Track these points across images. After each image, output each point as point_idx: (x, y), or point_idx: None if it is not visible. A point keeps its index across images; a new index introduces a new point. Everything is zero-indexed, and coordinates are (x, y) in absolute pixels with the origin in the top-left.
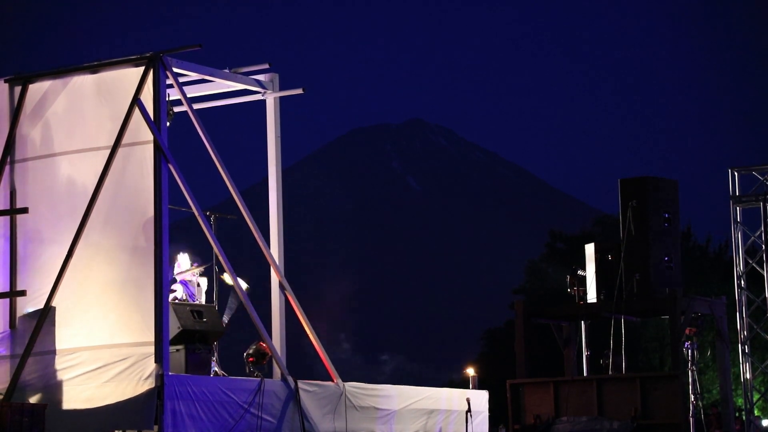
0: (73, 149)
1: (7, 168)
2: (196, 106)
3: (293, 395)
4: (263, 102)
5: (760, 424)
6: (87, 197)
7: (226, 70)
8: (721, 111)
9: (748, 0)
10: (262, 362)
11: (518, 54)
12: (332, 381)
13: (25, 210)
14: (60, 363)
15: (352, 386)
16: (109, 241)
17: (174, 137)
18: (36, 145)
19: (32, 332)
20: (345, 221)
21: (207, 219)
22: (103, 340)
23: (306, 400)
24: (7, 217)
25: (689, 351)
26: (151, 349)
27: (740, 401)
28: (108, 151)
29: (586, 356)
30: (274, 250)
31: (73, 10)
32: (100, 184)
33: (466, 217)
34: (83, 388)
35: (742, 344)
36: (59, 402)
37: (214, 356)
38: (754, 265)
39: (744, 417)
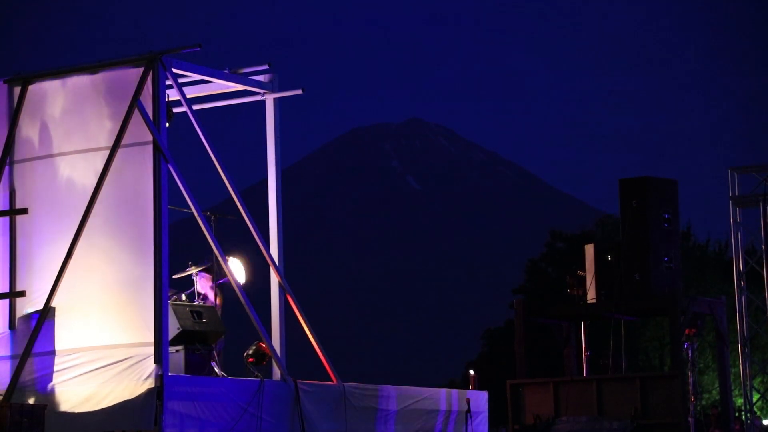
0: (73, 150)
1: (6, 168)
2: (195, 107)
3: (293, 395)
4: (263, 102)
5: (761, 423)
6: (87, 198)
7: (226, 71)
8: (721, 111)
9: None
10: (262, 363)
11: (518, 54)
12: (332, 381)
13: (24, 210)
14: (59, 363)
15: (351, 386)
16: (109, 242)
17: (174, 137)
18: (35, 146)
19: (32, 333)
20: (345, 220)
21: (207, 219)
22: (102, 340)
23: (306, 400)
24: (7, 218)
25: (689, 351)
26: (151, 349)
27: (740, 401)
28: (108, 152)
29: (586, 356)
30: (274, 251)
31: (73, 10)
32: (99, 185)
33: (466, 217)
34: (83, 388)
35: (742, 344)
36: (59, 402)
37: (214, 357)
38: (754, 265)
39: (744, 417)
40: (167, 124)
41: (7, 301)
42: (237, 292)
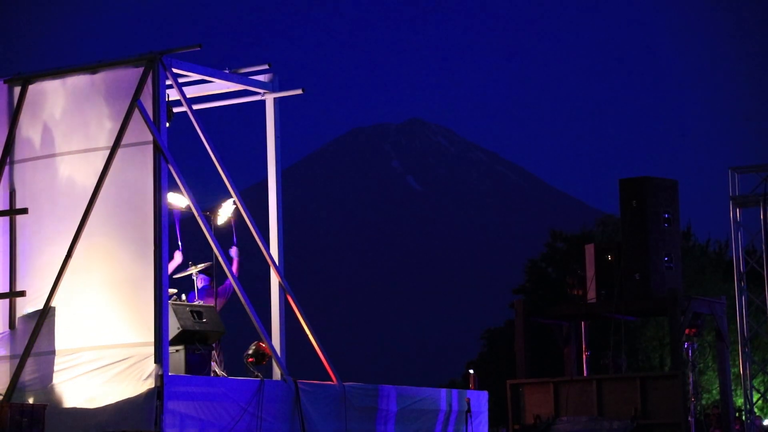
0: (73, 150)
1: (6, 168)
2: (195, 107)
3: (293, 395)
4: (263, 102)
5: (761, 423)
6: (87, 198)
7: (226, 71)
8: (721, 111)
9: (749, 1)
10: (262, 363)
11: (518, 54)
12: (332, 381)
13: (24, 210)
14: (59, 363)
15: (352, 386)
16: (109, 242)
17: (174, 137)
18: (35, 146)
19: (32, 333)
20: (345, 221)
21: (206, 219)
22: (102, 340)
23: (306, 400)
24: (7, 218)
25: (689, 351)
26: (151, 349)
27: (740, 401)
28: (108, 152)
29: (586, 356)
30: (274, 251)
31: (73, 10)
32: (99, 185)
33: (466, 217)
34: (83, 388)
35: (742, 344)
36: (59, 402)
37: (214, 357)
38: (754, 265)
39: (744, 417)
40: (167, 124)
41: (7, 301)
42: (237, 292)
